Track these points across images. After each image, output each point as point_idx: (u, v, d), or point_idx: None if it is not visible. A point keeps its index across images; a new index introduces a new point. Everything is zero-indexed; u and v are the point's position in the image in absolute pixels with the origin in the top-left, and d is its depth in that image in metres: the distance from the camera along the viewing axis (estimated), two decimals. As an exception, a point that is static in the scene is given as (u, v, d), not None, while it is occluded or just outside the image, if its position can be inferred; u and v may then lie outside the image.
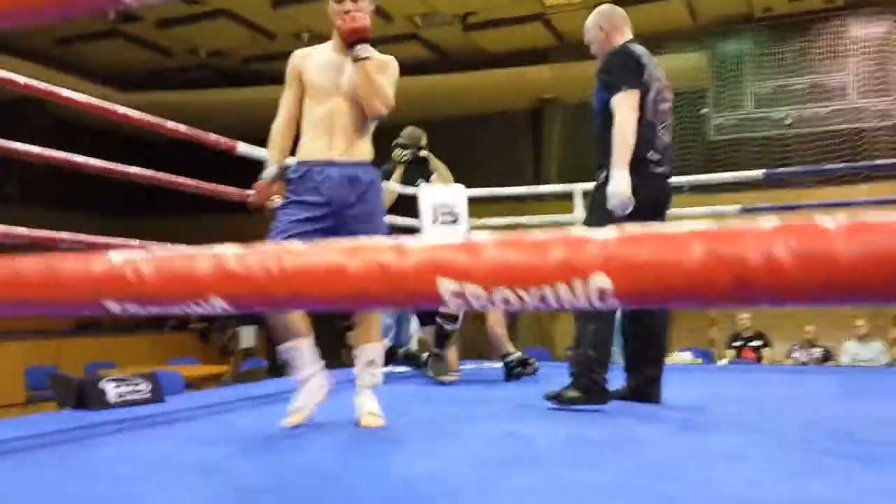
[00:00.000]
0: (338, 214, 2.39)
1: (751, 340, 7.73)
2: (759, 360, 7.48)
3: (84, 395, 2.69)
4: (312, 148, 2.43)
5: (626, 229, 0.61)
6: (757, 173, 5.20)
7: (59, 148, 2.85)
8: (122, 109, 2.95)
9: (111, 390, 2.72)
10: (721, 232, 0.57)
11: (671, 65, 10.36)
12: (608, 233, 0.61)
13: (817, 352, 7.37)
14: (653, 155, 2.85)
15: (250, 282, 0.71)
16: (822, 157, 9.56)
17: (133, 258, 0.76)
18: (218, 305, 0.73)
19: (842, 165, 7.77)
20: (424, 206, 4.46)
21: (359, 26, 2.34)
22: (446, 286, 0.64)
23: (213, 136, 3.57)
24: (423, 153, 4.64)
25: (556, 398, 2.78)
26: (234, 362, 9.48)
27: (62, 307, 0.82)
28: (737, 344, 7.77)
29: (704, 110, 10.44)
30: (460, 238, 0.69)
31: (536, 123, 12.22)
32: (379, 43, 10.20)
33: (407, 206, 4.48)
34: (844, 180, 8.60)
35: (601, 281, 0.60)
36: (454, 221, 4.54)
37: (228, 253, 0.72)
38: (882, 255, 0.51)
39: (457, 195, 4.53)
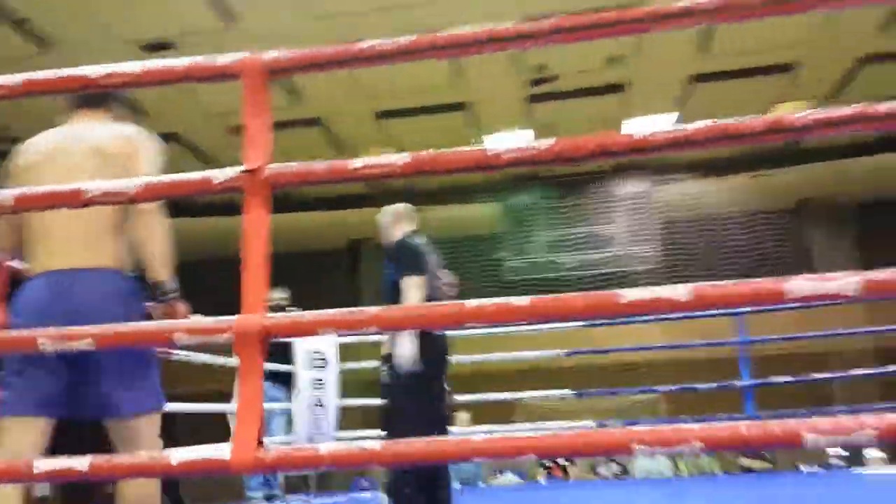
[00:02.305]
0: None
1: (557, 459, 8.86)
2: (566, 475, 8.59)
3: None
4: None
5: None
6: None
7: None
8: None
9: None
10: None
11: (471, 213, 12.15)
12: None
13: (616, 467, 8.64)
14: None
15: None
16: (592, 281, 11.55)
17: None
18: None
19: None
20: (299, 353, 5.09)
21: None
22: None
23: None
24: (286, 305, 5.38)
25: None
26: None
27: None
28: (548, 464, 8.87)
29: (500, 254, 12.05)
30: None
31: (352, 261, 13.16)
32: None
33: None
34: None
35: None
36: (324, 366, 5.19)
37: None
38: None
39: (326, 342, 5.21)
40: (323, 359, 5.09)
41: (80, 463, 1.47)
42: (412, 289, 3.54)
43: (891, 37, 8.22)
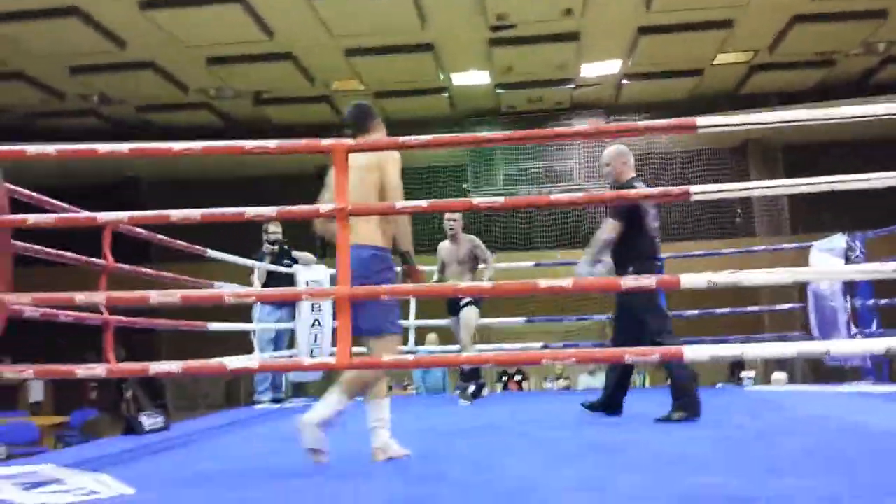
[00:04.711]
0: None
1: (514, 375, 10.51)
2: (521, 389, 10.26)
3: (130, 426, 4.29)
4: None
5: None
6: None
7: None
8: None
9: (145, 421, 4.35)
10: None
11: (438, 148, 13.38)
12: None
13: (563, 382, 10.26)
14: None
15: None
16: (556, 226, 13.08)
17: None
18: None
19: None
20: (299, 281, 6.42)
21: None
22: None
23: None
24: (286, 246, 6.68)
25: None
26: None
27: None
28: (504, 378, 10.52)
29: (465, 185, 13.37)
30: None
31: (320, 186, 14.31)
32: (173, 110, 12.00)
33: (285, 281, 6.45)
34: (574, 244, 12.07)
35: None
36: (321, 290, 6.49)
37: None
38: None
39: (322, 272, 6.53)
40: (320, 285, 6.42)
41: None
42: (615, 225, 4.30)
43: (818, 1, 9.51)
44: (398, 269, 3.40)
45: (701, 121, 2.64)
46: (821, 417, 4.45)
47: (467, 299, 5.93)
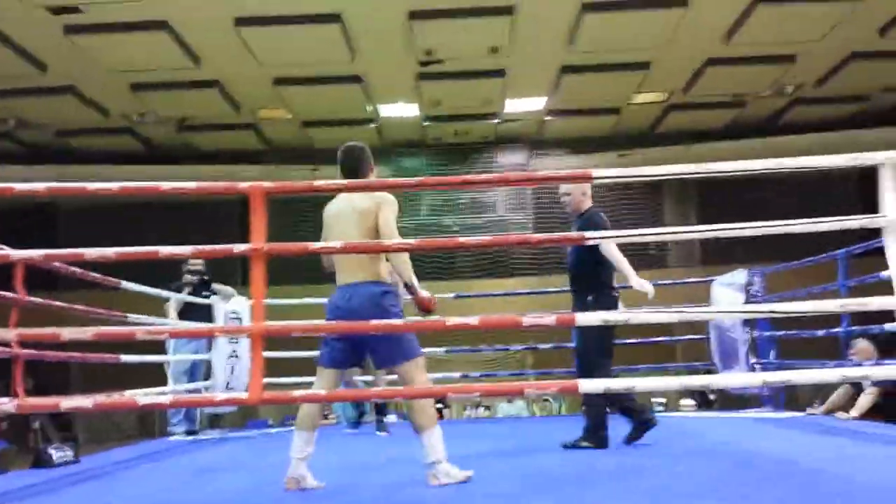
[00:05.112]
0: None
1: (436, 403, 10.61)
2: (441, 417, 10.39)
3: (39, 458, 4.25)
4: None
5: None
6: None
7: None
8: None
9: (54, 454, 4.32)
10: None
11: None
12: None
13: (483, 410, 10.47)
14: None
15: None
16: (480, 257, 13.32)
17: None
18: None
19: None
20: (218, 313, 6.45)
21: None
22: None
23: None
24: (206, 277, 6.71)
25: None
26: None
27: None
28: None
29: (389, 214, 13.52)
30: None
31: (243, 216, 14.20)
32: (94, 134, 11.87)
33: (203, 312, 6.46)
34: (497, 275, 12.35)
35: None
36: (240, 323, 6.56)
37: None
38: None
39: (241, 303, 6.58)
40: (238, 318, 6.46)
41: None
42: (616, 247, 4.44)
43: (731, 46, 10.08)
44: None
45: (596, 173, 2.88)
46: (719, 443, 4.74)
47: None
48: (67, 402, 2.79)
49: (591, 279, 4.50)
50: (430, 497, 3.09)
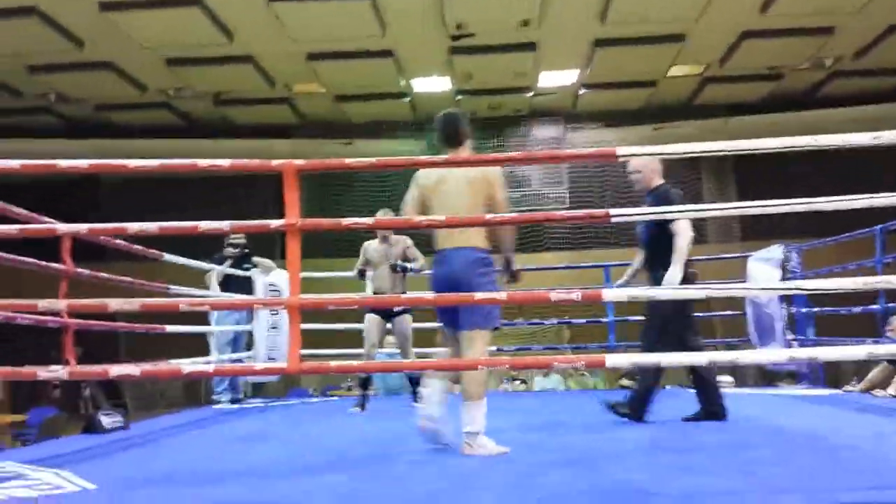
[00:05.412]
0: None
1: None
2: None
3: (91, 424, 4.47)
4: None
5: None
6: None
7: None
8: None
9: (104, 420, 4.53)
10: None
11: (398, 147, 13.58)
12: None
13: (519, 384, 10.58)
14: None
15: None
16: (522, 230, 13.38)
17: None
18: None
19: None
20: (258, 285, 6.62)
21: None
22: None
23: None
24: (247, 250, 6.84)
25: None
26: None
27: None
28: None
29: (421, 186, 13.59)
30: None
31: (279, 190, 14.38)
32: (132, 109, 12.03)
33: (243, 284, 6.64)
34: (531, 249, 12.46)
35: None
36: (279, 296, 6.71)
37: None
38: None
39: (281, 276, 6.73)
40: (277, 290, 6.61)
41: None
42: (689, 226, 4.41)
43: (767, 17, 9.93)
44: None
45: (621, 150, 2.93)
46: (746, 418, 4.78)
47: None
48: (116, 370, 2.94)
49: (668, 252, 4.35)
50: (455, 466, 3.20)
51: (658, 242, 4.43)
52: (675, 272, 4.24)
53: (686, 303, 4.42)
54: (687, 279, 4.32)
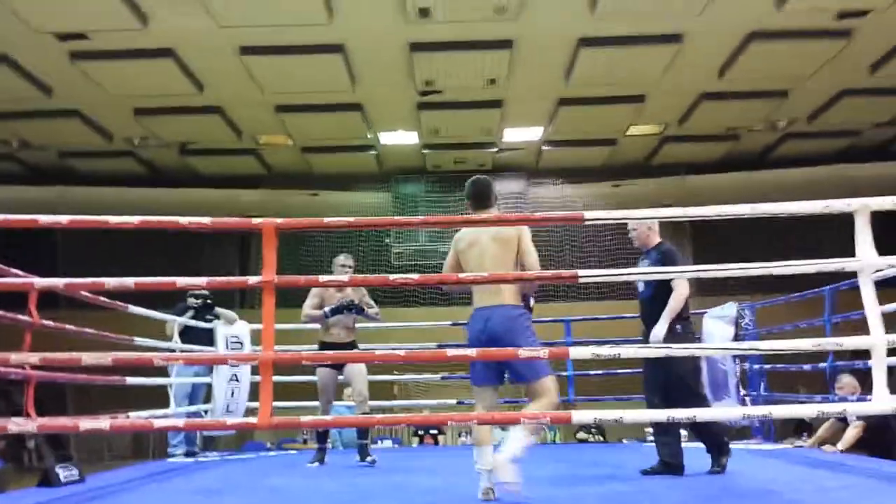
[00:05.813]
0: None
1: (430, 430, 10.79)
2: (436, 443, 10.54)
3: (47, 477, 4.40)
4: None
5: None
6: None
7: None
8: None
9: (61, 473, 4.47)
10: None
11: (362, 199, 13.74)
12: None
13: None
14: None
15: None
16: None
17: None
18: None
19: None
20: (220, 337, 6.63)
21: None
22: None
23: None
24: (209, 300, 6.83)
25: None
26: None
27: None
28: (420, 433, 10.80)
29: (387, 239, 13.74)
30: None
31: (245, 240, 14.34)
32: (96, 157, 12.02)
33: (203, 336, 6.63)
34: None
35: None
36: (240, 348, 6.74)
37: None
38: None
39: (242, 328, 6.75)
40: (240, 342, 6.63)
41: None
42: (686, 285, 4.57)
43: (724, 80, 10.37)
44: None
45: (588, 214, 3.09)
46: (697, 472, 4.88)
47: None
48: (86, 423, 2.96)
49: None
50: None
51: (657, 301, 4.58)
52: (661, 328, 4.44)
53: (695, 357, 4.57)
54: (687, 332, 4.56)
